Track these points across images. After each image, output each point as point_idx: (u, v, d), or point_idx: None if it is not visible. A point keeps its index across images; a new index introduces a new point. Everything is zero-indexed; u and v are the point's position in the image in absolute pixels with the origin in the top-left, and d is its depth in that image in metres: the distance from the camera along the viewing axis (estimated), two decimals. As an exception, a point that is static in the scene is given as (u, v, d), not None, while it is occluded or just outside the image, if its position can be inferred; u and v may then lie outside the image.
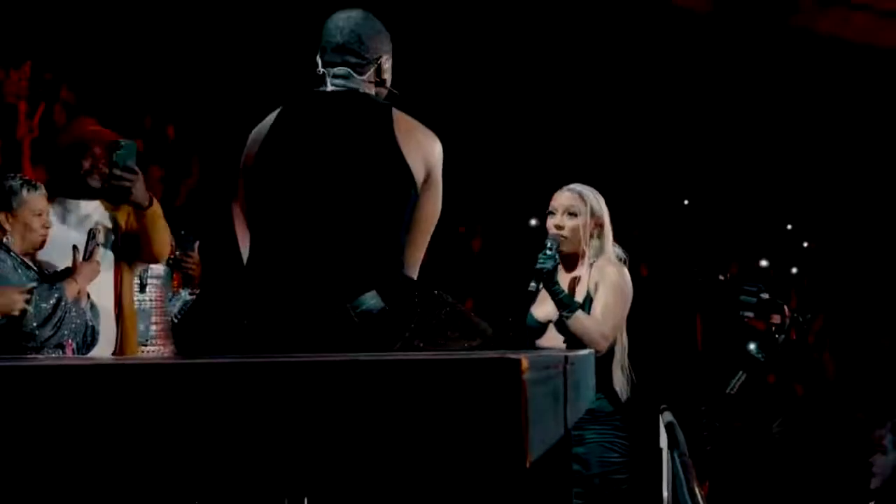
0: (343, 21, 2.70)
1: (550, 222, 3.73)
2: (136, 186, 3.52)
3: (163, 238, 3.85)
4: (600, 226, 3.73)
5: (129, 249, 3.90)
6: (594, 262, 3.71)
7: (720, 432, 3.82)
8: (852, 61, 13.25)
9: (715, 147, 13.48)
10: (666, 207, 11.91)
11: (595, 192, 3.78)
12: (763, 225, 12.14)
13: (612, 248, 3.76)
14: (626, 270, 3.74)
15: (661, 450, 4.13)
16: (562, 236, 3.67)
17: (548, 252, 3.57)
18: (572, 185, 3.78)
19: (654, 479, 4.33)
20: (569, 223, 3.70)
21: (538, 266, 3.53)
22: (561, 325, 3.60)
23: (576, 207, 3.70)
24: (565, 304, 3.55)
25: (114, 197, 3.65)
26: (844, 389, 7.48)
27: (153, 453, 1.24)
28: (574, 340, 3.56)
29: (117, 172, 3.47)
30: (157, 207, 3.77)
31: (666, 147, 13.25)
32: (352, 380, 1.24)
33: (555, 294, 3.56)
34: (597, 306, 3.63)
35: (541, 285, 3.55)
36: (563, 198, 3.74)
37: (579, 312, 3.56)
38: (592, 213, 3.71)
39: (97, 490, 1.24)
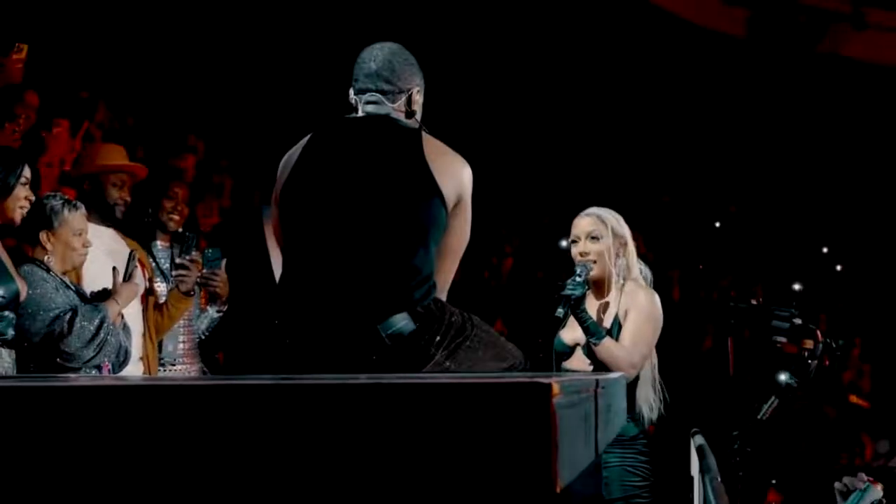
0: (378, 50, 2.73)
1: (575, 251, 3.73)
2: (191, 276, 4.05)
3: (175, 323, 4.13)
4: (624, 245, 3.72)
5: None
6: (623, 284, 3.69)
7: (752, 457, 3.78)
8: (883, 84, 13.22)
9: (748, 169, 13.44)
10: (698, 230, 11.86)
11: (613, 212, 3.77)
12: (796, 248, 12.06)
13: (638, 267, 3.74)
14: (656, 295, 3.71)
15: (691, 474, 4.10)
16: (591, 261, 3.66)
17: (577, 279, 3.54)
18: (590, 210, 3.77)
19: (684, 503, 4.29)
20: (593, 248, 3.69)
21: (566, 293, 3.51)
22: (589, 351, 3.59)
23: (598, 231, 3.70)
24: (592, 331, 3.53)
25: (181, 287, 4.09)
26: (878, 415, 7.40)
27: (184, 473, 1.24)
28: (601, 366, 3.55)
29: (207, 273, 4.04)
30: (194, 300, 4.15)
31: (700, 169, 13.22)
32: (380, 402, 1.23)
33: (582, 321, 3.54)
34: (626, 334, 3.61)
35: (568, 310, 3.53)
36: (583, 224, 3.73)
37: (607, 339, 3.54)
38: (615, 235, 3.70)
39: None
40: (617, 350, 3.55)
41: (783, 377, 3.78)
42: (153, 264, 4.19)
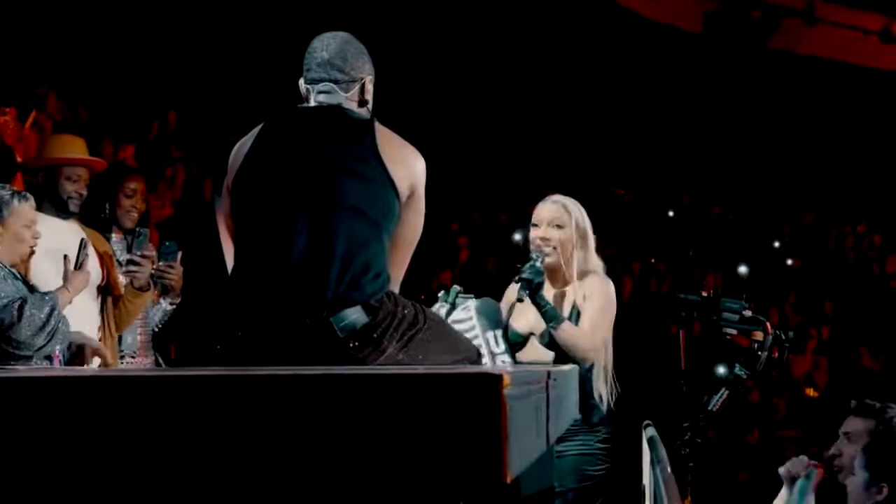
0: (329, 40, 2.71)
1: (535, 234, 3.69)
2: (144, 272, 3.96)
3: (133, 318, 4.10)
4: (584, 237, 3.71)
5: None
6: (579, 275, 3.70)
7: (702, 448, 3.82)
8: (834, 79, 13.45)
9: (702, 163, 13.59)
10: (652, 222, 11.97)
11: (577, 203, 3.76)
12: (748, 241, 12.21)
13: (597, 260, 3.75)
14: (612, 284, 3.74)
15: (643, 466, 4.14)
16: (550, 247, 3.65)
17: (536, 265, 3.54)
18: (555, 197, 3.75)
19: (636, 495, 4.33)
20: (555, 235, 3.66)
21: (526, 276, 3.50)
22: (546, 339, 3.60)
23: (561, 219, 3.68)
24: (551, 316, 3.54)
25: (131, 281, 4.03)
26: (829, 406, 7.51)
27: (137, 463, 1.24)
28: (560, 352, 3.56)
29: (163, 266, 3.98)
30: (150, 295, 4.08)
31: (654, 162, 13.35)
32: (332, 393, 1.24)
33: (540, 306, 3.54)
34: (585, 319, 3.63)
35: (527, 295, 3.52)
36: (546, 210, 3.71)
37: (566, 324, 3.55)
38: (577, 226, 3.70)
39: (80, 499, 1.25)
40: (576, 333, 3.57)
41: (721, 370, 3.82)
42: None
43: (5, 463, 1.25)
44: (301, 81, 2.74)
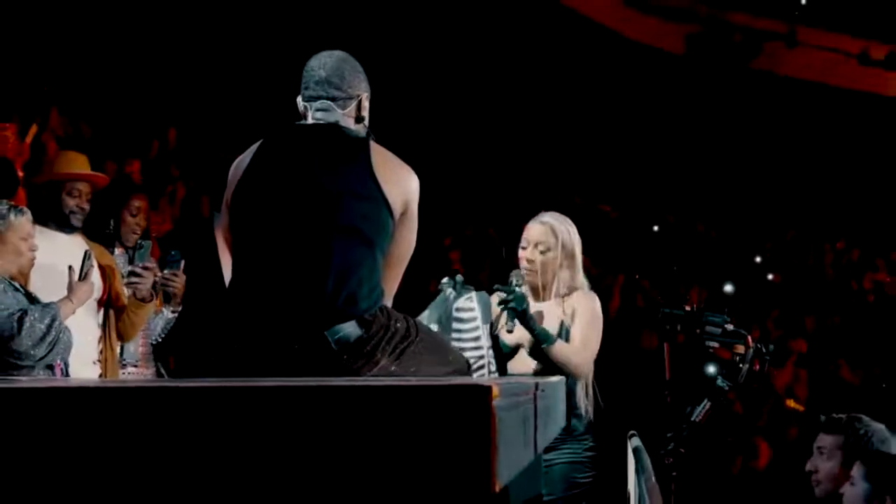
0: (326, 58, 2.77)
1: (522, 254, 3.78)
2: (146, 283, 3.99)
3: (138, 328, 4.14)
4: (571, 257, 3.76)
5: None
6: (566, 292, 3.76)
7: (685, 459, 3.88)
8: (815, 99, 13.61)
9: (685, 180, 13.69)
10: (637, 238, 12.03)
11: (567, 221, 3.80)
12: (730, 257, 12.30)
13: (583, 279, 3.81)
14: (597, 300, 3.82)
15: (628, 474, 4.21)
16: (530, 270, 3.73)
17: (516, 291, 3.59)
18: (545, 217, 3.80)
19: (621, 503, 4.40)
20: (539, 258, 3.73)
21: (511, 306, 3.54)
22: (532, 351, 3.68)
23: (546, 242, 3.73)
24: (542, 338, 3.62)
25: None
26: (811, 418, 7.59)
27: (138, 473, 1.27)
28: (547, 363, 3.64)
29: (167, 274, 4.04)
30: (153, 305, 4.11)
31: (639, 180, 13.43)
32: (324, 404, 1.27)
33: (532, 330, 3.62)
34: (575, 335, 3.70)
35: (515, 323, 3.60)
36: (534, 231, 3.76)
37: (559, 342, 3.64)
38: (563, 246, 3.75)
39: None
40: (569, 350, 3.65)
41: (716, 376, 3.89)
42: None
43: (7, 473, 1.26)
44: (299, 99, 2.79)
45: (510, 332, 3.61)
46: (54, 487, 1.27)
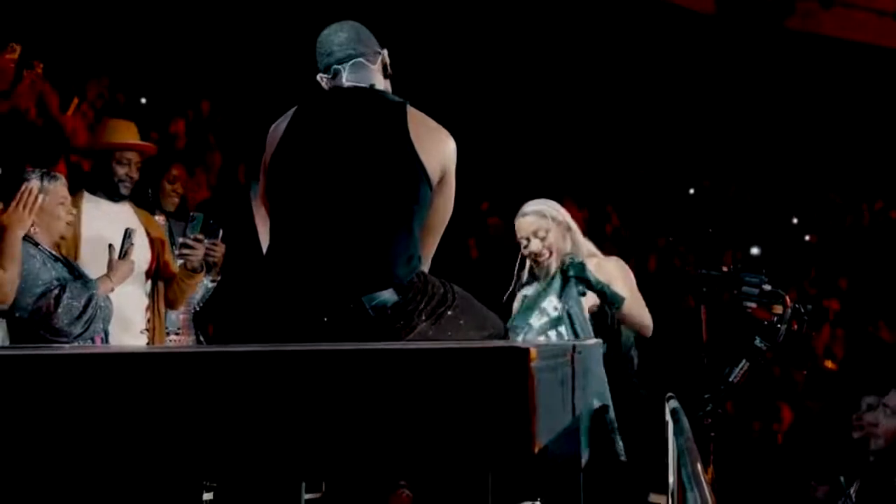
0: (337, 26, 2.80)
1: (527, 252, 3.85)
2: (197, 254, 4.03)
3: (187, 297, 4.18)
4: (568, 229, 3.85)
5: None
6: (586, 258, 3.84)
7: (723, 419, 3.89)
8: (850, 59, 13.40)
9: (721, 143, 13.57)
10: (672, 200, 11.98)
11: (547, 202, 3.88)
12: (766, 218, 12.21)
13: (589, 245, 3.90)
14: (617, 259, 3.91)
15: (667, 436, 4.21)
16: (542, 260, 3.80)
17: (574, 259, 3.67)
18: (527, 209, 3.88)
19: (661, 467, 4.41)
20: (544, 244, 3.81)
21: (573, 274, 3.64)
22: (600, 318, 3.74)
23: (541, 228, 3.82)
24: (612, 299, 3.68)
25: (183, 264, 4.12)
26: (847, 379, 7.55)
27: (174, 438, 1.28)
28: (612, 333, 3.71)
29: (188, 242, 4.04)
30: (202, 276, 4.16)
31: (672, 140, 13.33)
32: (364, 368, 1.27)
33: (603, 293, 3.68)
34: (626, 298, 3.79)
35: (584, 288, 3.66)
36: (525, 224, 3.85)
37: (627, 301, 3.72)
38: (557, 223, 3.82)
39: (121, 471, 1.29)
40: (639, 307, 3.81)
41: (754, 337, 3.90)
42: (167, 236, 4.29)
43: (48, 437, 1.28)
44: (320, 76, 2.79)
45: (583, 295, 3.67)
46: (98, 450, 1.28)
